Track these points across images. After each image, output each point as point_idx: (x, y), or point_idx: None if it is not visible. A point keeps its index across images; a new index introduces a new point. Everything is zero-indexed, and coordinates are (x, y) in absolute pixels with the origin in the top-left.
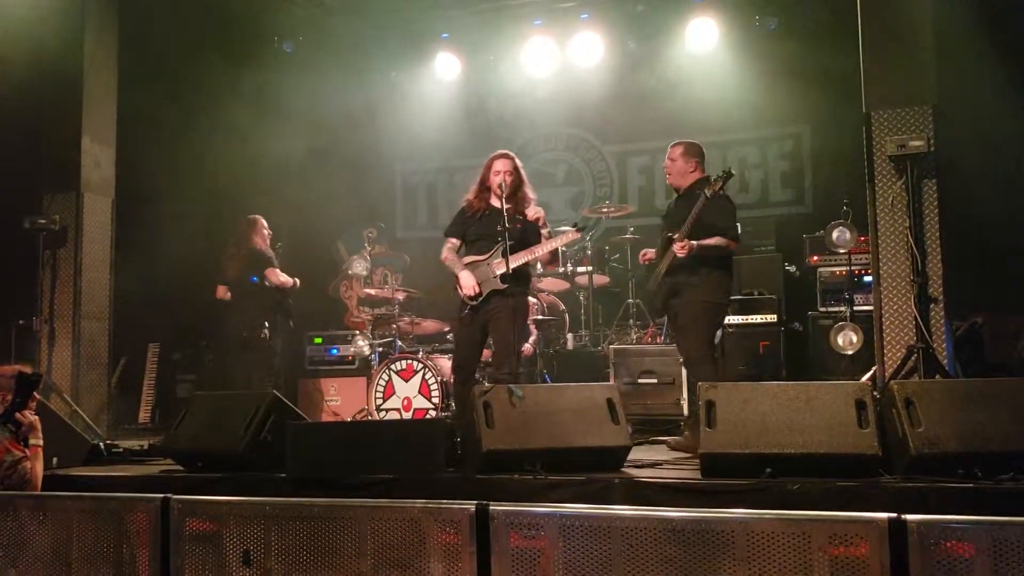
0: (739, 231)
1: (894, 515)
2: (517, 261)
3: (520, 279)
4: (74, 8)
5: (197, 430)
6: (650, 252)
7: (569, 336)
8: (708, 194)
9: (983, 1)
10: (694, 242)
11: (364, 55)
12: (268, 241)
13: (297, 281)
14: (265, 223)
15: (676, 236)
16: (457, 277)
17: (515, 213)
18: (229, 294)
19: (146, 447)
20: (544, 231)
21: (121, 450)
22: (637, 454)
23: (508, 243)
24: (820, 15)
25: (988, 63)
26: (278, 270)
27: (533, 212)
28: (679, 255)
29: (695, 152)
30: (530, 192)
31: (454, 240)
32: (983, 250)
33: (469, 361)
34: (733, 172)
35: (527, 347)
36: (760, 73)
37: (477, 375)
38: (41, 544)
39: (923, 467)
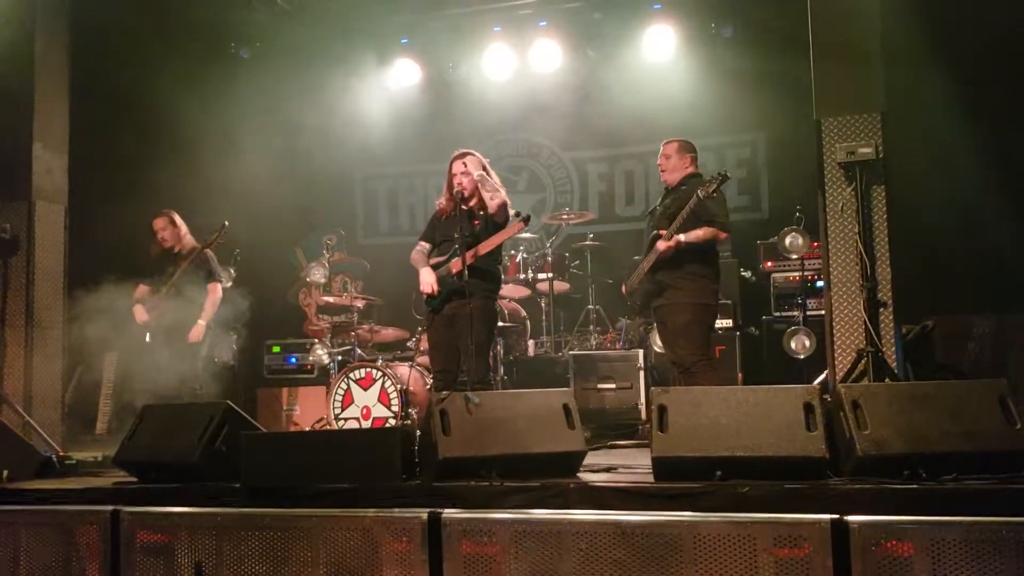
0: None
1: (836, 516)
2: (478, 253)
3: (482, 278)
4: (24, 12)
5: (150, 441)
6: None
7: (530, 342)
8: (701, 195)
9: (930, 11)
10: (681, 236)
11: (323, 61)
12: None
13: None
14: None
15: (663, 233)
16: (420, 273)
17: (478, 211)
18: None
19: (100, 459)
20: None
21: (74, 462)
22: (594, 459)
23: (465, 243)
24: (775, 24)
25: (934, 71)
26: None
27: (493, 203)
28: (662, 253)
29: (689, 148)
30: (490, 186)
31: (424, 244)
32: (933, 254)
33: (447, 365)
34: (729, 175)
35: None
36: (717, 80)
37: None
38: None
39: (870, 468)
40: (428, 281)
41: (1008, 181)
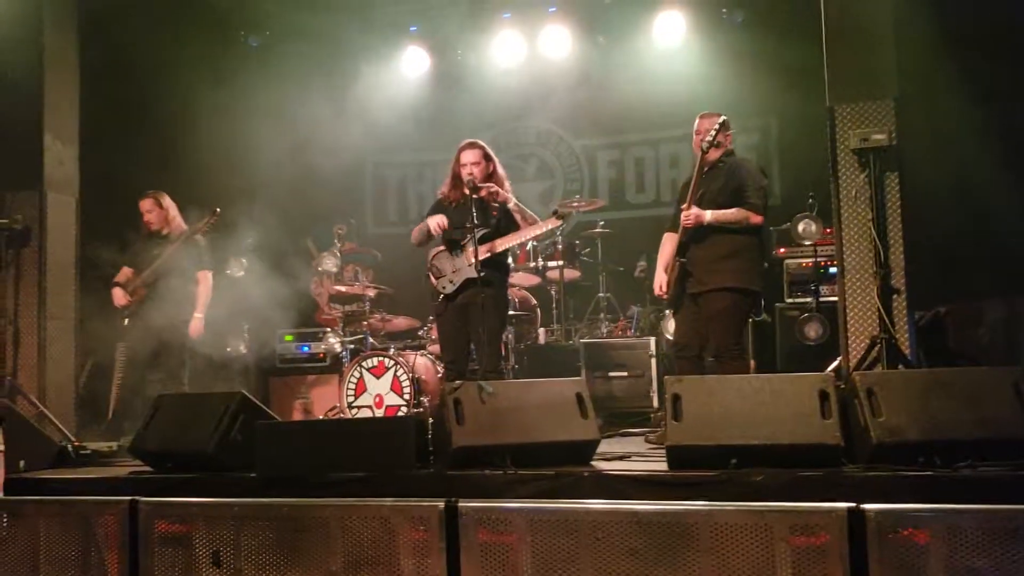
0: (766, 205)
1: (853, 505)
2: (495, 249)
3: (496, 268)
4: (33, 3)
5: (165, 431)
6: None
7: (541, 331)
8: (704, 147)
9: None
10: (708, 214)
11: (332, 49)
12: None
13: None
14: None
15: (684, 206)
16: (426, 222)
17: (490, 201)
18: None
19: (115, 448)
20: (512, 207)
21: (89, 451)
22: (606, 447)
23: (480, 233)
24: (786, 8)
25: (946, 56)
26: None
27: (504, 194)
28: (685, 224)
29: (729, 125)
30: (502, 173)
31: None
32: (944, 240)
33: (457, 355)
34: (726, 118)
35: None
36: (727, 66)
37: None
38: (7, 549)
39: (884, 456)
40: (436, 222)
41: (1021, 166)
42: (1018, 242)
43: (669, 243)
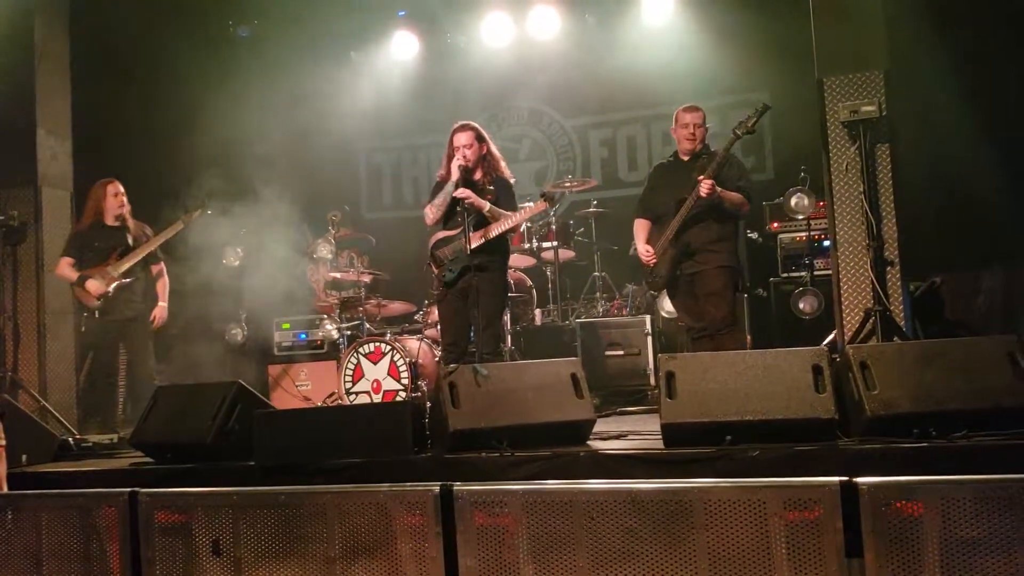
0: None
1: (845, 478)
2: (488, 234)
3: (494, 252)
4: None
5: (164, 422)
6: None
7: (537, 312)
8: (739, 132)
9: None
10: (719, 188)
11: (321, 36)
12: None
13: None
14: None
15: (703, 176)
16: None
17: (485, 184)
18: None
19: (115, 440)
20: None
21: (91, 444)
22: (603, 426)
23: (472, 219)
24: None
25: (936, 26)
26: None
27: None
28: (703, 193)
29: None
30: (496, 154)
31: None
32: (939, 210)
33: (458, 337)
34: (769, 106)
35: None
36: (717, 41)
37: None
38: (10, 543)
39: (879, 428)
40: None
41: (1014, 134)
42: (1014, 209)
43: (644, 228)
